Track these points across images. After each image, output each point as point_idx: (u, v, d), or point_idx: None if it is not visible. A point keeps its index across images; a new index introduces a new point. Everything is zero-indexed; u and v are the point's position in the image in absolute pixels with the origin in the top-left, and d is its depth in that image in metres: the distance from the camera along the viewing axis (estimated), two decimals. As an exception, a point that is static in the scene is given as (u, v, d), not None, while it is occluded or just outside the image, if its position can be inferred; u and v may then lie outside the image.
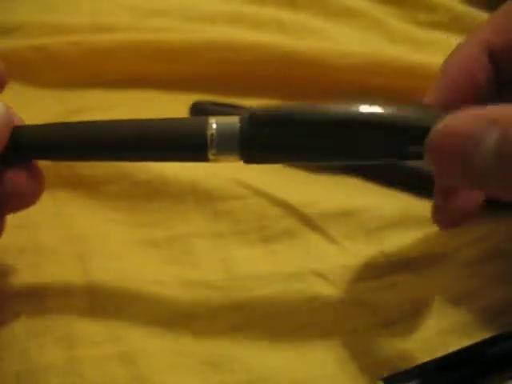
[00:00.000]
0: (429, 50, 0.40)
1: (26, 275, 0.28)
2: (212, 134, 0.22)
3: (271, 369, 0.25)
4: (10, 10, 0.39)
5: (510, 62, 0.25)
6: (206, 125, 0.23)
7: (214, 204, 0.30)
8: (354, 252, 0.29)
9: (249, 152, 0.23)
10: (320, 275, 0.28)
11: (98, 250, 0.29)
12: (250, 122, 0.22)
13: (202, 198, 0.31)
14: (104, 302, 0.27)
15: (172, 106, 0.36)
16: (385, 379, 0.24)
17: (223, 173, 0.31)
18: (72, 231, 0.30)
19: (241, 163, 0.23)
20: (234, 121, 0.23)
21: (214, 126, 0.23)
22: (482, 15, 0.42)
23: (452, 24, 0.42)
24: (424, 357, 0.25)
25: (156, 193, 0.31)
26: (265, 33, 0.39)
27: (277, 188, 0.31)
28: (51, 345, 0.26)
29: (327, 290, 0.28)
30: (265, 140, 0.22)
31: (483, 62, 0.25)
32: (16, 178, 0.25)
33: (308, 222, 0.30)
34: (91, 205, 0.31)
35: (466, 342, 0.26)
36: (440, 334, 0.26)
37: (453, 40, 0.27)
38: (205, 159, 0.23)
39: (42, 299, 0.27)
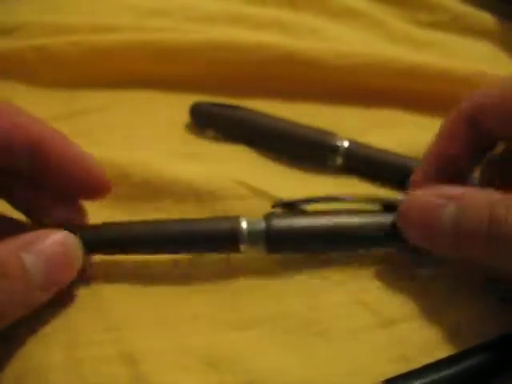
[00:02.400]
0: (429, 50, 0.40)
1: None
2: (242, 232, 0.27)
3: (271, 369, 0.25)
4: (11, 10, 0.39)
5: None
6: (238, 224, 0.28)
7: (215, 204, 0.30)
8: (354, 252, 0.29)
9: (273, 246, 0.28)
10: (320, 275, 0.28)
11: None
12: (273, 223, 0.28)
13: (202, 198, 0.31)
14: (104, 302, 0.27)
15: (172, 106, 0.36)
16: (387, 381, 0.24)
17: (224, 173, 0.31)
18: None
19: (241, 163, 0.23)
20: (259, 220, 0.28)
21: (245, 225, 0.27)
22: (481, 15, 0.43)
23: (452, 24, 0.42)
24: (423, 357, 0.25)
25: (156, 193, 0.31)
26: (265, 33, 0.39)
27: (277, 188, 0.31)
28: (52, 345, 0.26)
29: (327, 290, 0.28)
30: (285, 239, 0.28)
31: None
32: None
33: (308, 222, 0.30)
34: (91, 203, 0.31)
35: (464, 343, 0.26)
36: (439, 334, 0.26)
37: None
38: (237, 252, 0.28)
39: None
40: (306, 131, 0.34)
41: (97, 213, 0.31)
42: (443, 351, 0.26)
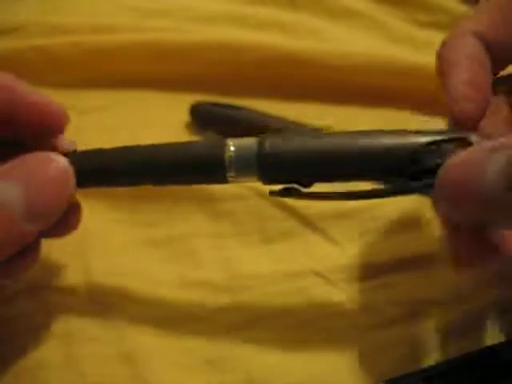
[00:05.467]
0: (429, 50, 0.40)
1: (27, 272, 0.28)
2: (230, 156, 0.23)
3: (271, 369, 0.25)
4: (11, 10, 0.39)
5: (500, 56, 0.25)
6: (223, 147, 0.23)
7: (215, 204, 0.30)
8: (354, 252, 0.29)
9: (267, 173, 0.23)
10: (320, 275, 0.28)
11: (100, 248, 0.29)
12: (267, 145, 0.23)
13: (202, 198, 0.31)
14: (104, 301, 0.27)
15: (172, 106, 0.36)
16: (387, 382, 0.24)
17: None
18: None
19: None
20: (251, 142, 0.23)
21: (232, 148, 0.23)
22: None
23: (452, 24, 0.42)
24: (424, 357, 0.25)
25: (157, 193, 0.31)
26: (265, 33, 0.39)
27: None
28: (50, 342, 0.26)
29: (327, 290, 0.28)
30: (282, 164, 0.23)
31: (482, 50, 0.25)
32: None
33: (308, 222, 0.30)
34: (93, 204, 0.31)
35: (463, 342, 0.26)
36: (438, 334, 0.26)
37: None
38: (224, 181, 0.24)
39: (42, 296, 0.27)
40: (305, 130, 0.34)
41: (96, 213, 0.31)
42: (443, 351, 0.26)
